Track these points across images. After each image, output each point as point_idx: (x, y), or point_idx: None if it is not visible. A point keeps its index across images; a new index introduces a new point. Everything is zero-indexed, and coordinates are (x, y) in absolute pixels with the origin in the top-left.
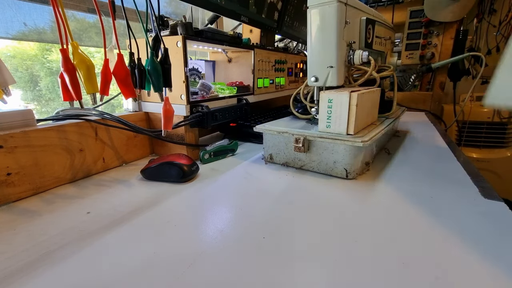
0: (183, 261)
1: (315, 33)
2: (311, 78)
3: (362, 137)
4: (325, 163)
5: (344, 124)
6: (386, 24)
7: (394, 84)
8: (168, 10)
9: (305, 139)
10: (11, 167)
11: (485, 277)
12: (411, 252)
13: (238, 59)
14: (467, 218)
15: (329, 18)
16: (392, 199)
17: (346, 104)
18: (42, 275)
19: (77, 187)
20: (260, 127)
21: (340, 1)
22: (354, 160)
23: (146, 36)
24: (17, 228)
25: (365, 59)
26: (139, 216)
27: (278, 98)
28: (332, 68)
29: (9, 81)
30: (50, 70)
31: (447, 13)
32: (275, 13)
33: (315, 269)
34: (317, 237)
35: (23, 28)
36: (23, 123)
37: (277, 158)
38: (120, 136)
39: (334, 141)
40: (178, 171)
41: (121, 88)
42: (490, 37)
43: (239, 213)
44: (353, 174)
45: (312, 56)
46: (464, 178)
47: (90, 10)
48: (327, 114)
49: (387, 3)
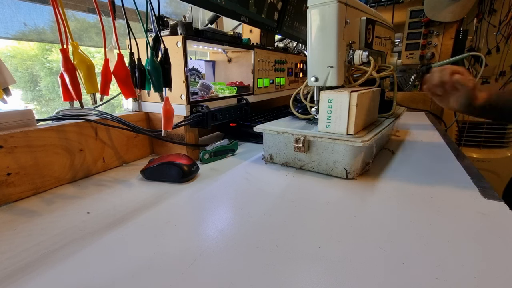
0: (183, 261)
1: (315, 33)
2: (311, 78)
3: (362, 137)
4: (325, 163)
5: (344, 124)
6: (386, 24)
7: (394, 84)
8: (168, 10)
9: (305, 139)
10: (11, 167)
11: (485, 277)
12: (411, 252)
13: (238, 59)
14: (467, 218)
15: (329, 18)
16: (391, 199)
17: (346, 104)
18: (42, 275)
19: (77, 187)
20: (260, 127)
21: (340, 1)
22: (354, 160)
23: (146, 36)
24: (17, 228)
25: (365, 59)
26: (139, 216)
27: (278, 98)
28: (332, 68)
29: (9, 81)
30: (50, 70)
31: (447, 13)
32: (275, 13)
33: (315, 269)
34: (317, 237)
35: (23, 28)
36: (23, 123)
37: (277, 158)
38: (120, 136)
39: (334, 141)
40: (178, 171)
41: (121, 88)
42: (490, 37)
43: (239, 213)
44: (353, 174)
45: (312, 56)
46: (464, 178)
47: (90, 10)
48: (327, 114)
49: (387, 3)
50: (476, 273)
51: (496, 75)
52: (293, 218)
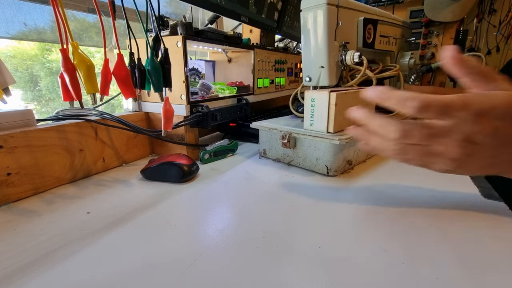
0: (183, 261)
1: (306, 35)
2: (305, 78)
3: (340, 135)
4: (309, 160)
5: (325, 123)
6: (395, 22)
7: (400, 84)
8: (168, 10)
9: (291, 136)
10: (11, 167)
11: (485, 277)
12: (411, 252)
13: (238, 59)
14: (467, 218)
15: (320, 20)
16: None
17: (326, 103)
18: (42, 275)
19: (77, 187)
20: (256, 123)
21: (330, 3)
22: (334, 158)
23: (146, 36)
24: (17, 228)
25: (357, 59)
26: (139, 216)
27: (278, 98)
28: (323, 68)
29: (9, 81)
30: (50, 70)
31: (447, 13)
32: (275, 13)
33: (315, 269)
34: (317, 237)
35: (23, 28)
36: (23, 123)
37: (269, 153)
38: (120, 136)
39: (314, 138)
40: (178, 171)
41: (121, 88)
42: (490, 37)
43: (239, 213)
44: (333, 171)
45: (305, 56)
46: (464, 178)
47: (90, 10)
48: (311, 112)
49: (387, 3)
50: (476, 273)
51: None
52: (293, 218)
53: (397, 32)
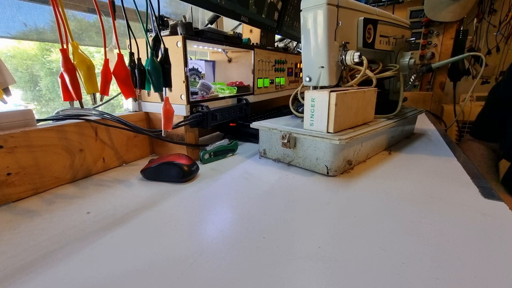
0: (183, 261)
1: (306, 35)
2: (305, 78)
3: (340, 135)
4: (309, 160)
5: (325, 123)
6: (395, 22)
7: (400, 84)
8: (168, 10)
9: (291, 136)
10: (11, 167)
11: (485, 277)
12: (411, 252)
13: (238, 59)
14: (467, 218)
15: (320, 20)
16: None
17: (326, 103)
18: (42, 275)
19: (77, 187)
20: (256, 123)
21: (330, 4)
22: (334, 158)
23: (146, 36)
24: (17, 228)
25: (357, 59)
26: (139, 216)
27: (278, 98)
28: (323, 68)
29: (9, 81)
30: (50, 70)
31: (447, 13)
32: (275, 13)
33: (315, 269)
34: (317, 237)
35: (23, 27)
36: (23, 123)
37: (269, 153)
38: (120, 136)
39: (315, 138)
40: (178, 171)
41: (121, 88)
42: (490, 37)
43: (239, 213)
44: (333, 171)
45: (305, 56)
46: (464, 178)
47: (90, 10)
48: (311, 112)
49: (387, 3)
50: (476, 273)
51: (496, 75)
52: (293, 218)
53: (397, 32)
